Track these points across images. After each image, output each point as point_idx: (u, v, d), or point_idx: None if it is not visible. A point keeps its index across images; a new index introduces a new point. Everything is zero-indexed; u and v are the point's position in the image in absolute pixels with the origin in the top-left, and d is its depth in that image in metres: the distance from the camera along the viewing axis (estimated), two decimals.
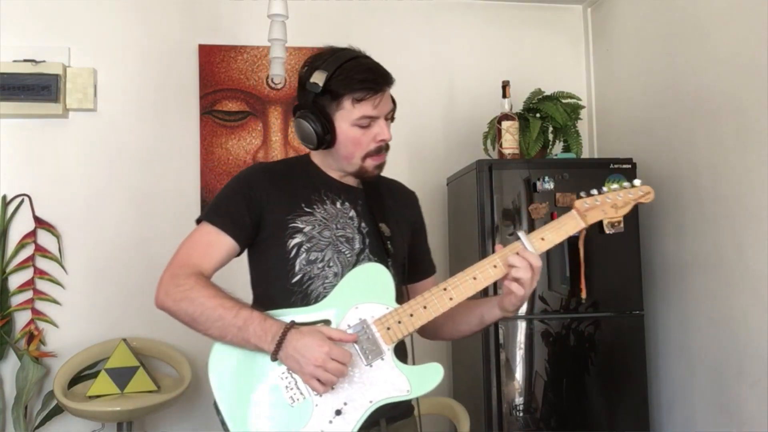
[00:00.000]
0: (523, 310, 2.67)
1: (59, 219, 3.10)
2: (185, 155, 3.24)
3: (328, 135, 1.40)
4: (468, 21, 3.52)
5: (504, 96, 2.91)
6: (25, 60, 3.05)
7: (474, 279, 1.37)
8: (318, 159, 1.52)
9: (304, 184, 1.47)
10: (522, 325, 2.67)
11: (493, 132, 3.03)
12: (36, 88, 3.01)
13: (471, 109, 3.42)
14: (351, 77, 1.37)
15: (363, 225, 1.46)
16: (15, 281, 3.03)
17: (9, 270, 3.02)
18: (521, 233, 1.39)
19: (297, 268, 1.39)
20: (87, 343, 3.01)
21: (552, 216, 2.70)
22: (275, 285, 1.42)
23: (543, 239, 1.39)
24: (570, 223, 1.40)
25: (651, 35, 2.99)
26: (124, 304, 3.11)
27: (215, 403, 1.31)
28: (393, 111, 1.47)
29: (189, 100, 3.26)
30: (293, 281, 1.39)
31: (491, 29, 3.54)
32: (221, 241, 1.40)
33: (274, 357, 1.27)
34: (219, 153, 3.25)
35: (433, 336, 1.59)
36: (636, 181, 1.45)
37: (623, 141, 3.24)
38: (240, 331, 1.27)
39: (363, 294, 1.35)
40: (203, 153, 3.24)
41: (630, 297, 2.75)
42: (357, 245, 1.43)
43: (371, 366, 1.31)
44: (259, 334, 1.27)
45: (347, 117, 1.39)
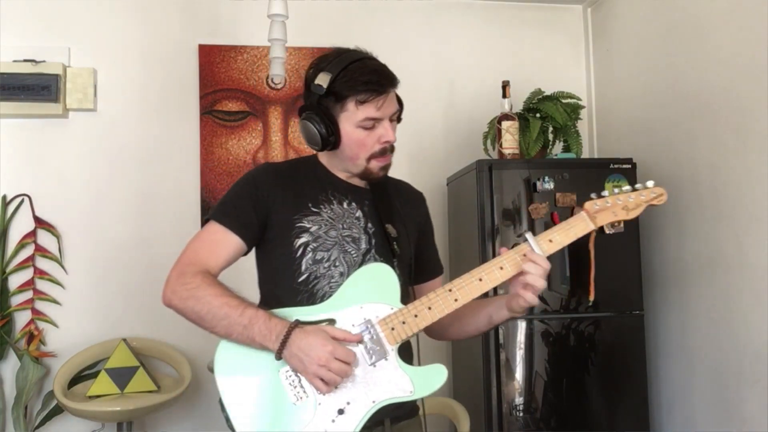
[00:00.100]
0: None
1: (59, 219, 3.10)
2: (185, 155, 3.24)
3: (332, 136, 1.41)
4: (468, 21, 3.52)
5: (504, 96, 2.91)
6: (25, 60, 3.05)
7: (480, 281, 1.36)
8: (325, 159, 1.53)
9: (311, 184, 1.48)
10: (522, 325, 2.68)
11: (493, 132, 3.03)
12: (36, 88, 3.01)
13: (471, 109, 3.42)
14: (355, 79, 1.37)
15: (369, 225, 1.46)
16: (15, 281, 3.04)
17: (9, 270, 3.02)
18: (528, 235, 1.37)
19: (303, 267, 1.40)
20: (87, 343, 3.01)
21: (552, 216, 2.70)
22: (281, 284, 1.42)
23: (551, 241, 1.37)
24: (579, 225, 1.38)
25: (651, 35, 2.99)
26: (124, 304, 3.11)
27: (220, 401, 1.32)
28: (399, 112, 1.47)
29: (189, 100, 3.26)
30: (299, 280, 1.40)
31: (491, 29, 3.54)
32: (228, 240, 1.41)
33: (278, 356, 1.27)
34: (219, 153, 3.25)
35: (441, 336, 1.59)
36: (649, 183, 1.41)
37: (623, 141, 3.24)
38: (245, 330, 1.28)
39: (368, 294, 1.35)
40: (203, 153, 3.24)
41: (630, 297, 2.76)
42: (363, 245, 1.44)
43: (375, 366, 1.31)
44: (264, 332, 1.27)
45: (351, 119, 1.40)
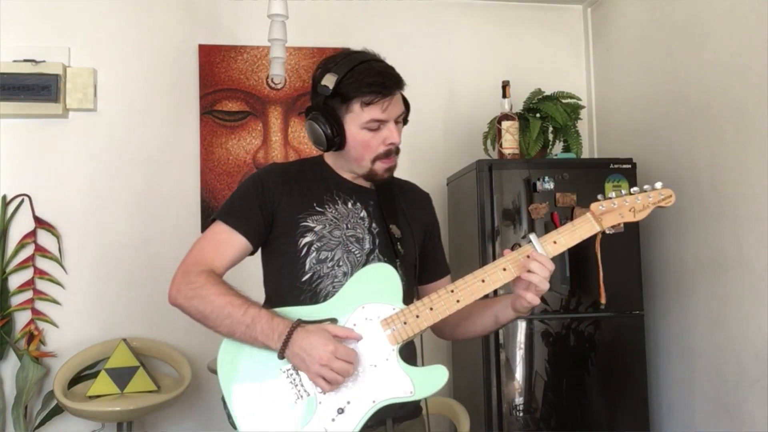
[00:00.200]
0: None
1: (59, 219, 3.10)
2: (185, 155, 3.24)
3: (337, 137, 1.42)
4: (468, 21, 3.52)
5: (504, 96, 2.91)
6: (25, 60, 3.05)
7: (482, 282, 1.35)
8: (331, 160, 1.54)
9: (316, 184, 1.49)
10: (522, 325, 2.68)
11: (493, 132, 3.03)
12: (36, 88, 3.01)
13: (471, 109, 3.42)
14: (361, 81, 1.38)
15: (374, 225, 1.47)
16: (15, 281, 3.04)
17: (9, 270, 3.02)
18: (533, 236, 1.36)
19: (307, 266, 1.41)
20: (87, 343, 3.01)
21: (552, 216, 2.70)
22: (285, 283, 1.43)
23: (555, 242, 1.36)
24: (585, 227, 1.37)
25: (651, 35, 2.99)
26: (124, 304, 3.11)
27: (223, 398, 1.33)
28: (405, 114, 1.48)
29: (189, 100, 3.26)
30: (303, 279, 1.41)
31: (491, 29, 3.54)
32: (234, 240, 1.42)
33: (280, 355, 1.28)
34: (219, 153, 3.25)
35: (450, 336, 1.59)
36: (657, 184, 1.40)
37: (623, 141, 3.24)
38: (248, 329, 1.29)
39: (370, 294, 1.35)
40: (203, 153, 3.24)
41: (630, 297, 2.75)
42: (367, 245, 1.44)
43: (376, 366, 1.31)
44: (267, 332, 1.28)
45: (356, 120, 1.41)
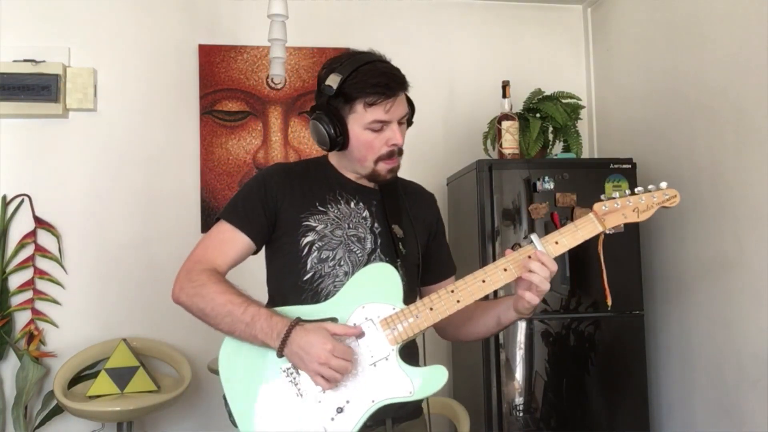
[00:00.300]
0: None
1: (59, 219, 3.10)
2: (185, 155, 3.24)
3: (340, 137, 1.42)
4: (468, 21, 3.52)
5: (504, 96, 2.91)
6: (25, 60, 3.05)
7: (483, 282, 1.35)
8: (334, 160, 1.54)
9: (319, 184, 1.49)
10: (522, 325, 2.67)
11: (493, 132, 3.03)
12: (36, 88, 3.01)
13: (471, 109, 3.42)
14: (364, 81, 1.38)
15: (376, 225, 1.47)
16: (15, 281, 3.04)
17: (9, 270, 3.02)
18: (534, 236, 1.35)
19: (309, 266, 1.42)
20: (87, 343, 3.01)
21: (552, 216, 2.70)
22: (287, 282, 1.44)
23: (557, 243, 1.35)
24: (587, 227, 1.36)
25: (651, 35, 2.99)
26: (124, 304, 3.11)
27: (224, 396, 1.34)
28: (409, 115, 1.48)
29: (189, 100, 3.26)
30: (304, 279, 1.42)
31: (491, 29, 3.54)
32: (237, 239, 1.43)
33: (279, 353, 1.28)
34: (219, 153, 3.25)
35: (453, 337, 1.59)
36: (662, 184, 1.38)
37: (623, 141, 3.24)
38: (248, 327, 1.30)
39: (370, 294, 1.36)
40: (203, 153, 3.24)
41: (630, 297, 2.75)
42: (369, 245, 1.45)
43: (375, 366, 1.31)
44: (266, 330, 1.28)
45: (359, 120, 1.41)
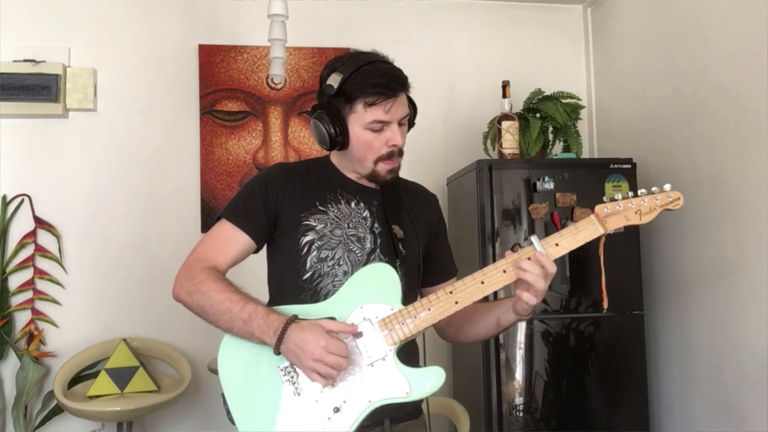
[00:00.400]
0: None
1: (59, 219, 3.10)
2: (185, 155, 3.24)
3: (340, 137, 1.43)
4: (468, 21, 3.52)
5: (504, 96, 2.90)
6: (25, 60, 3.05)
7: (482, 283, 1.35)
8: (336, 160, 1.55)
9: (320, 183, 1.50)
10: (522, 325, 2.67)
11: (493, 132, 3.03)
12: (36, 88, 3.01)
13: (471, 109, 3.42)
14: (365, 81, 1.38)
15: (376, 225, 1.47)
16: (15, 281, 3.04)
17: (9, 270, 3.02)
18: (534, 238, 1.34)
19: (308, 265, 1.42)
20: (87, 343, 3.01)
21: (552, 216, 2.70)
22: (287, 281, 1.45)
23: (557, 245, 1.34)
24: (588, 229, 1.35)
25: (651, 35, 2.99)
26: (124, 304, 3.11)
27: (223, 394, 1.34)
28: (410, 117, 1.48)
29: (189, 100, 3.26)
30: (304, 278, 1.42)
31: (491, 29, 3.54)
32: (237, 238, 1.44)
33: (276, 351, 1.29)
34: (219, 153, 3.25)
35: (453, 338, 1.59)
36: (666, 186, 1.37)
37: (623, 141, 3.24)
38: (245, 325, 1.30)
39: (369, 294, 1.36)
40: (203, 153, 3.24)
41: (630, 297, 2.75)
42: (368, 245, 1.45)
43: (372, 366, 1.31)
44: (263, 328, 1.29)
45: (360, 120, 1.41)
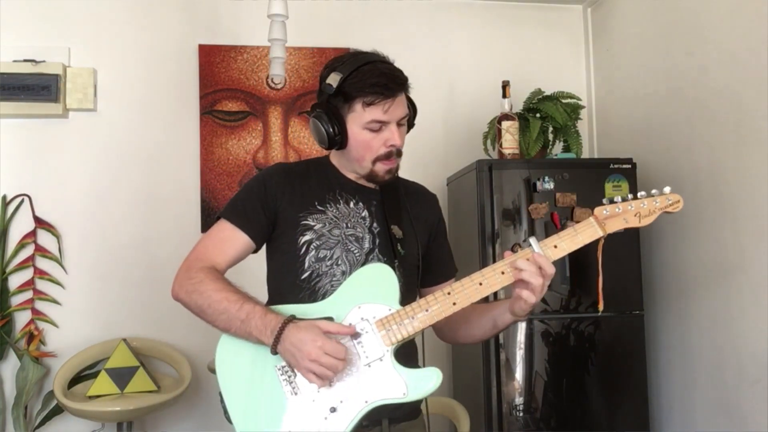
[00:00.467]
0: None
1: (59, 219, 3.10)
2: (185, 155, 3.24)
3: (338, 136, 1.43)
4: (468, 21, 3.52)
5: (504, 96, 2.90)
6: (25, 60, 3.05)
7: (480, 285, 1.35)
8: (335, 160, 1.55)
9: (319, 183, 1.50)
10: (522, 325, 2.67)
11: (493, 132, 3.03)
12: (36, 88, 3.01)
13: (471, 109, 3.42)
14: (364, 81, 1.39)
15: (375, 225, 1.47)
16: (15, 281, 3.04)
17: (9, 270, 3.02)
18: (533, 239, 1.34)
19: (306, 264, 1.43)
20: (87, 343, 3.01)
21: (552, 216, 2.70)
22: (285, 280, 1.45)
23: (556, 246, 1.35)
24: (587, 231, 1.35)
25: (651, 35, 2.99)
26: (124, 304, 3.11)
27: (220, 393, 1.35)
28: (409, 117, 1.48)
29: (189, 100, 3.26)
30: (302, 278, 1.42)
31: (491, 29, 3.54)
32: (236, 238, 1.44)
33: (273, 350, 1.29)
34: (219, 153, 3.25)
35: (451, 339, 1.59)
36: (666, 189, 1.37)
37: (623, 141, 3.24)
38: (243, 324, 1.31)
39: (367, 294, 1.36)
40: (203, 153, 3.24)
41: (630, 297, 2.75)
42: (366, 245, 1.45)
43: (370, 366, 1.31)
44: (260, 327, 1.29)
45: (358, 120, 1.41)
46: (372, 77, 1.38)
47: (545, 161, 2.89)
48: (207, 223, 3.15)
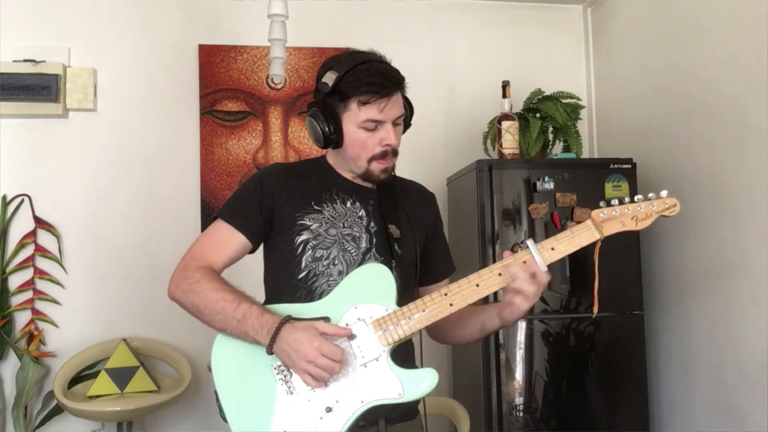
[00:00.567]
0: None
1: (59, 219, 3.10)
2: (185, 155, 3.24)
3: (334, 135, 1.43)
4: (468, 21, 3.52)
5: (504, 96, 2.90)
6: (25, 60, 3.05)
7: (477, 286, 1.35)
8: (332, 159, 1.55)
9: (316, 183, 1.50)
10: (522, 325, 2.67)
11: (493, 132, 3.03)
12: (36, 88, 3.01)
13: (471, 109, 3.42)
14: (360, 80, 1.38)
15: (372, 225, 1.47)
16: (15, 281, 3.04)
17: (9, 270, 3.02)
18: (530, 242, 1.34)
19: (303, 264, 1.42)
20: (87, 343, 3.01)
21: (552, 216, 2.70)
22: (282, 280, 1.45)
23: (553, 249, 1.35)
24: (584, 234, 1.35)
25: (651, 35, 2.99)
26: (124, 304, 3.11)
27: (216, 392, 1.34)
28: (404, 117, 1.48)
29: (189, 100, 3.26)
30: (299, 277, 1.42)
31: (491, 29, 3.54)
32: (233, 238, 1.44)
33: (269, 350, 1.29)
34: (219, 153, 3.25)
35: (443, 340, 1.59)
36: (663, 192, 1.38)
37: (623, 141, 3.23)
38: (239, 324, 1.31)
39: (363, 294, 1.36)
40: (203, 153, 3.24)
41: (630, 297, 2.75)
42: (363, 244, 1.45)
43: (366, 366, 1.31)
44: (257, 327, 1.29)
45: (353, 119, 1.41)
46: (368, 76, 1.38)
47: (545, 161, 2.89)
48: (207, 223, 3.09)
